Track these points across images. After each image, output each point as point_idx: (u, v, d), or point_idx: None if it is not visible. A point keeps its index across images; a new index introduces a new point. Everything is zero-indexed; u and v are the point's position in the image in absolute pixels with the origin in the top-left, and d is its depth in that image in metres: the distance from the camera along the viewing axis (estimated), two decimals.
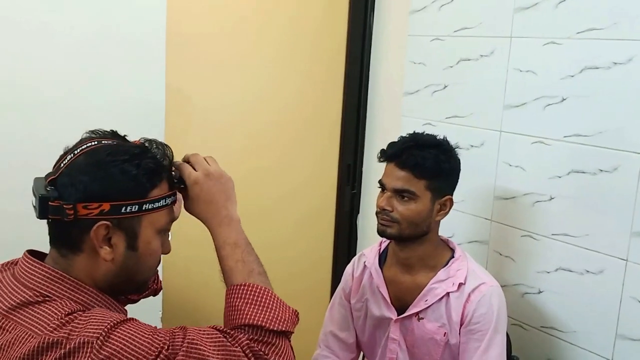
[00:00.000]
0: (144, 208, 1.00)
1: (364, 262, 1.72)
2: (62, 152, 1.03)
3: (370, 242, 1.78)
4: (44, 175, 1.02)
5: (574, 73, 1.69)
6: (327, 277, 2.47)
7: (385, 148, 1.59)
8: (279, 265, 2.31)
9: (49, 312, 0.93)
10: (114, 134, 1.05)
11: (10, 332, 0.93)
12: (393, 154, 1.55)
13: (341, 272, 1.80)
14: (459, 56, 1.99)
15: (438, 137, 1.59)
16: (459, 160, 1.61)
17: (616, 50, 1.60)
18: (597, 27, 1.63)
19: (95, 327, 0.91)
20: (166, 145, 1.07)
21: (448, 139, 1.61)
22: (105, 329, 0.90)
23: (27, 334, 0.92)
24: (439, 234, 1.65)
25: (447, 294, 1.56)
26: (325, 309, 1.81)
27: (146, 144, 1.04)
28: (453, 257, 1.61)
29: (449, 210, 1.60)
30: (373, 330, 1.68)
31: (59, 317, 0.92)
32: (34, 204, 0.99)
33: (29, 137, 1.52)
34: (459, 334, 1.54)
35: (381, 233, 1.58)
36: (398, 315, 1.62)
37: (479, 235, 1.97)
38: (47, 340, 0.89)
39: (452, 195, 1.60)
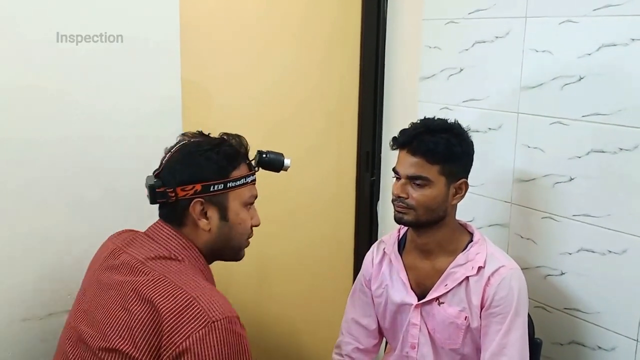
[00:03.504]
0: (228, 186, 1.28)
1: (383, 248, 1.73)
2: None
3: (391, 228, 1.79)
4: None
5: (591, 51, 1.66)
6: (349, 264, 2.48)
7: (396, 136, 1.59)
8: (301, 253, 2.34)
9: (180, 269, 1.22)
10: (200, 134, 1.34)
11: (147, 275, 1.21)
12: (405, 141, 1.55)
13: (363, 259, 1.81)
14: (474, 39, 1.97)
15: (449, 121, 1.59)
16: (472, 143, 1.60)
17: (633, 26, 1.56)
18: (613, 4, 1.60)
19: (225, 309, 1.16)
20: (242, 136, 1.34)
21: (459, 123, 1.60)
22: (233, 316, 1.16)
23: (161, 280, 1.18)
24: (458, 218, 1.65)
25: (467, 278, 1.56)
26: (347, 296, 1.83)
27: (224, 137, 1.32)
28: (472, 241, 1.61)
29: (465, 194, 1.60)
30: (394, 316, 1.69)
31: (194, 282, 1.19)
32: (147, 194, 1.27)
33: (52, 136, 1.55)
34: (480, 317, 1.55)
35: (398, 220, 1.59)
36: (418, 300, 1.62)
37: (499, 219, 1.96)
38: (188, 298, 1.15)
39: (467, 178, 1.60)
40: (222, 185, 1.27)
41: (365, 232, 2.46)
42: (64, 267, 1.60)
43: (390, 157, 2.33)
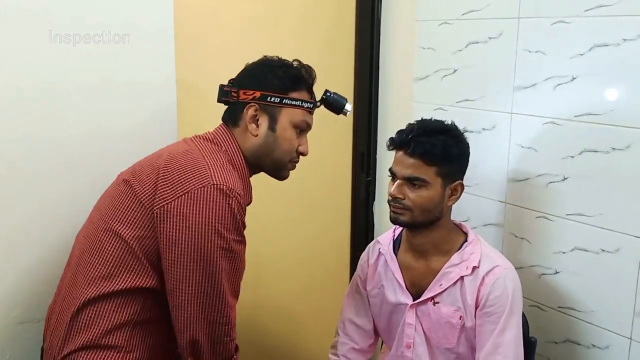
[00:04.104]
0: (283, 102, 1.41)
1: (379, 249, 1.74)
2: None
3: (387, 228, 1.80)
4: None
5: (583, 51, 1.67)
6: (345, 264, 2.49)
7: (393, 136, 1.59)
8: (298, 253, 2.35)
9: (214, 149, 1.39)
10: (279, 58, 1.48)
11: (186, 145, 1.40)
12: (402, 142, 1.56)
13: (359, 259, 1.82)
14: (467, 39, 1.98)
15: (446, 123, 1.60)
16: (468, 144, 1.61)
17: (625, 26, 1.58)
18: (605, 4, 1.61)
19: (231, 184, 1.31)
20: (313, 69, 1.48)
21: (456, 124, 1.61)
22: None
23: (191, 148, 1.37)
24: (453, 218, 1.66)
25: (462, 277, 1.57)
26: (343, 296, 1.83)
27: (296, 64, 1.46)
28: (466, 241, 1.62)
29: (460, 195, 1.60)
30: (390, 316, 1.70)
31: (216, 160, 1.36)
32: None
33: (47, 139, 1.55)
34: (475, 317, 1.56)
35: (394, 221, 1.60)
36: (414, 300, 1.63)
37: (494, 218, 1.97)
38: (207, 172, 1.31)
39: (462, 179, 1.61)
40: (279, 99, 1.41)
41: (362, 232, 2.47)
42: (60, 271, 1.60)
43: (385, 158, 2.34)
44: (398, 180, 1.57)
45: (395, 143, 1.59)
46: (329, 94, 1.52)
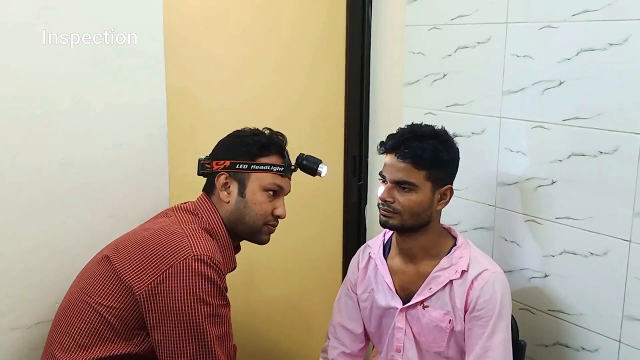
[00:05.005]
0: (251, 167, 1.48)
1: (369, 253, 1.75)
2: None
3: (379, 232, 1.81)
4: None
5: (570, 56, 1.69)
6: (337, 268, 2.49)
7: (384, 140, 1.61)
8: (290, 257, 2.35)
9: (193, 220, 1.45)
10: (256, 128, 1.55)
11: (169, 217, 1.46)
12: (392, 146, 1.57)
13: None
14: (456, 44, 2.00)
15: (436, 128, 1.61)
16: (458, 149, 1.62)
17: (612, 31, 1.59)
18: (591, 9, 1.62)
19: (207, 250, 1.36)
20: (284, 136, 1.55)
21: (446, 129, 1.62)
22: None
23: (171, 221, 1.43)
24: (443, 222, 1.67)
25: (451, 281, 1.58)
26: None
27: (266, 132, 1.54)
28: (455, 245, 1.62)
29: (450, 200, 1.61)
30: (380, 320, 1.71)
31: (197, 229, 1.42)
32: None
33: (36, 146, 1.55)
34: (464, 320, 1.56)
35: (383, 224, 1.61)
36: (403, 304, 1.64)
37: (483, 222, 1.98)
38: (184, 239, 1.36)
39: (452, 184, 1.62)
40: (247, 165, 1.47)
41: (354, 236, 2.47)
42: (51, 277, 1.60)
43: (377, 162, 2.35)
44: (388, 184, 1.58)
45: (386, 147, 1.60)
46: (302, 155, 1.58)
